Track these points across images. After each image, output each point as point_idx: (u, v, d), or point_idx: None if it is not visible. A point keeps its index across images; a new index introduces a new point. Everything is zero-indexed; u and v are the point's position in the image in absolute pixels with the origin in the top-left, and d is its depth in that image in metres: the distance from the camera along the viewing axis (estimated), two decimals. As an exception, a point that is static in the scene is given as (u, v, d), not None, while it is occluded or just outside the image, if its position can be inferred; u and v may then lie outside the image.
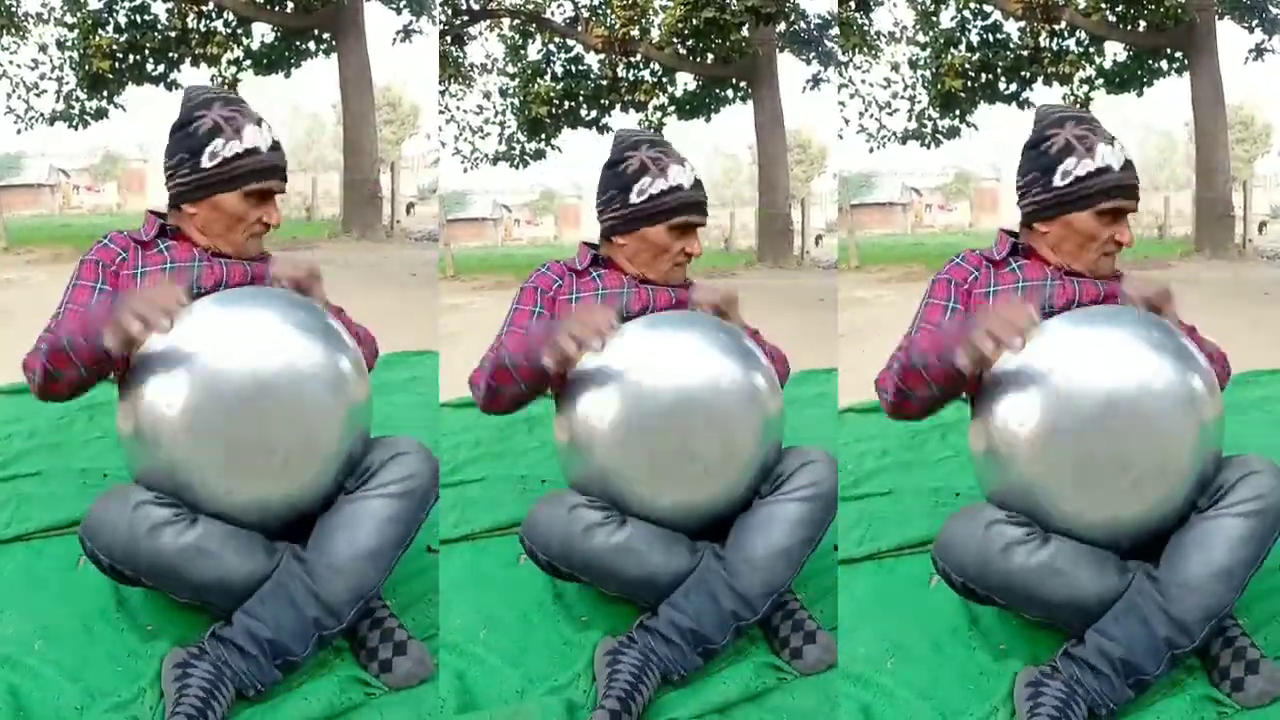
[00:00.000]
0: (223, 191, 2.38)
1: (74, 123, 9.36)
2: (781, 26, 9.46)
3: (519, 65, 10.08)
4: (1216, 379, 2.33)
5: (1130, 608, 2.25)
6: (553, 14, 10.00)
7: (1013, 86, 9.94)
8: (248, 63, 9.29)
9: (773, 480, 2.45)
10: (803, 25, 9.54)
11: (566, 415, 2.45)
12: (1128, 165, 2.36)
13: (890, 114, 9.92)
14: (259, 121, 2.40)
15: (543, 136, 10.07)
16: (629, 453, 2.39)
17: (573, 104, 10.01)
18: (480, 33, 10.11)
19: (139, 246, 2.43)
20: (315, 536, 2.31)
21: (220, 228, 2.42)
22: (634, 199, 2.53)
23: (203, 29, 9.18)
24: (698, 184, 2.56)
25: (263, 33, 9.35)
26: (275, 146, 2.41)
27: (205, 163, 2.37)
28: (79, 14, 9.24)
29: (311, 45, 9.50)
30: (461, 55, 9.89)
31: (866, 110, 9.89)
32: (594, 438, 2.40)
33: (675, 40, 9.69)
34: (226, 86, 9.20)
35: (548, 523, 2.43)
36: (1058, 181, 2.36)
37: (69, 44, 9.29)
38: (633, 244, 2.57)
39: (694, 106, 10.00)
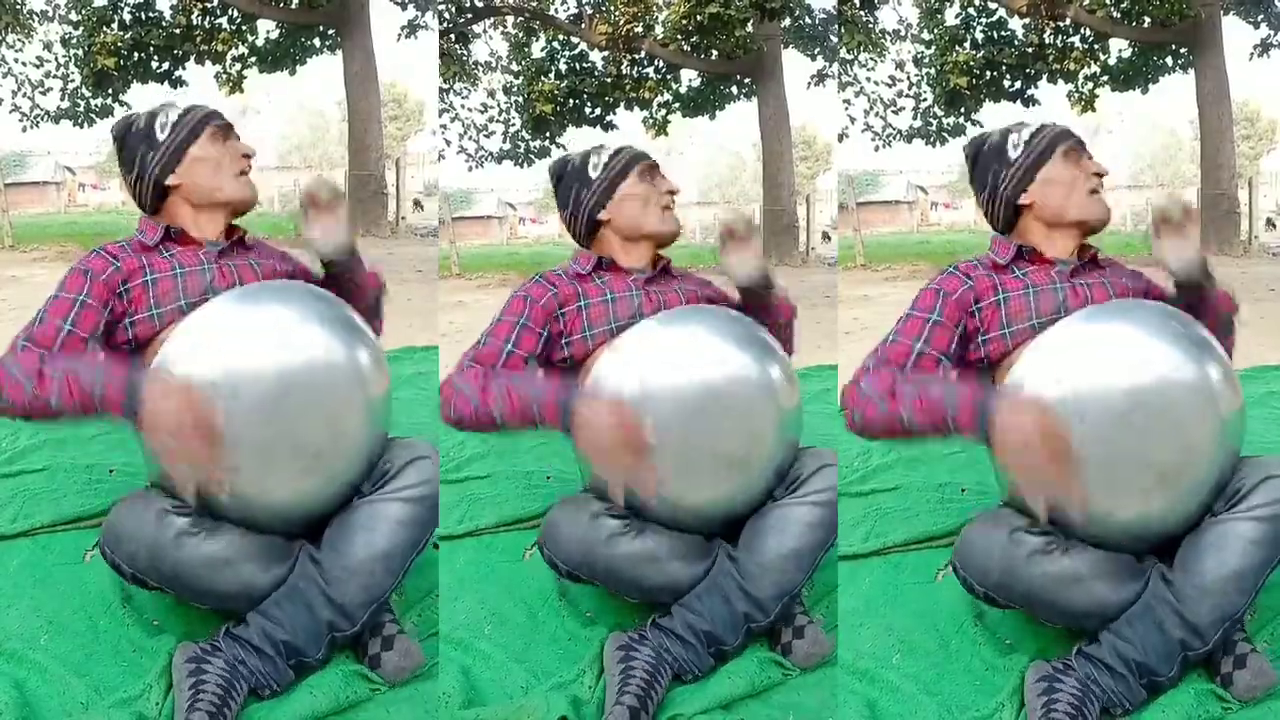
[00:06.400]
0: (189, 145, 2.43)
1: (79, 120, 9.39)
2: (786, 22, 9.46)
3: (523, 63, 10.08)
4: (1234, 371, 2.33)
5: (1146, 610, 2.25)
6: (556, 11, 10.00)
7: (1018, 84, 9.93)
8: (252, 59, 9.30)
9: (787, 483, 2.45)
10: (807, 21, 9.54)
11: None
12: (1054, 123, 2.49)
13: (896, 112, 9.93)
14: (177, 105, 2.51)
15: (547, 134, 10.08)
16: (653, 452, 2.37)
17: (577, 102, 10.01)
18: (484, 30, 10.12)
19: (142, 252, 2.41)
20: (330, 537, 2.31)
21: (208, 178, 2.44)
22: (594, 174, 2.60)
23: (207, 26, 9.20)
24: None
25: (267, 29, 9.37)
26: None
27: (160, 135, 2.43)
28: (84, 11, 9.26)
29: (316, 42, 9.51)
30: (466, 53, 9.90)
31: (872, 108, 9.89)
32: None
33: (679, 37, 9.69)
34: (231, 83, 9.22)
35: (569, 531, 2.43)
36: (1013, 154, 2.44)
37: (74, 41, 9.30)
38: (618, 211, 2.59)
39: (698, 103, 10.01)
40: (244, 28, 9.26)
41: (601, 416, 2.33)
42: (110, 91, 9.32)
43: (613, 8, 9.75)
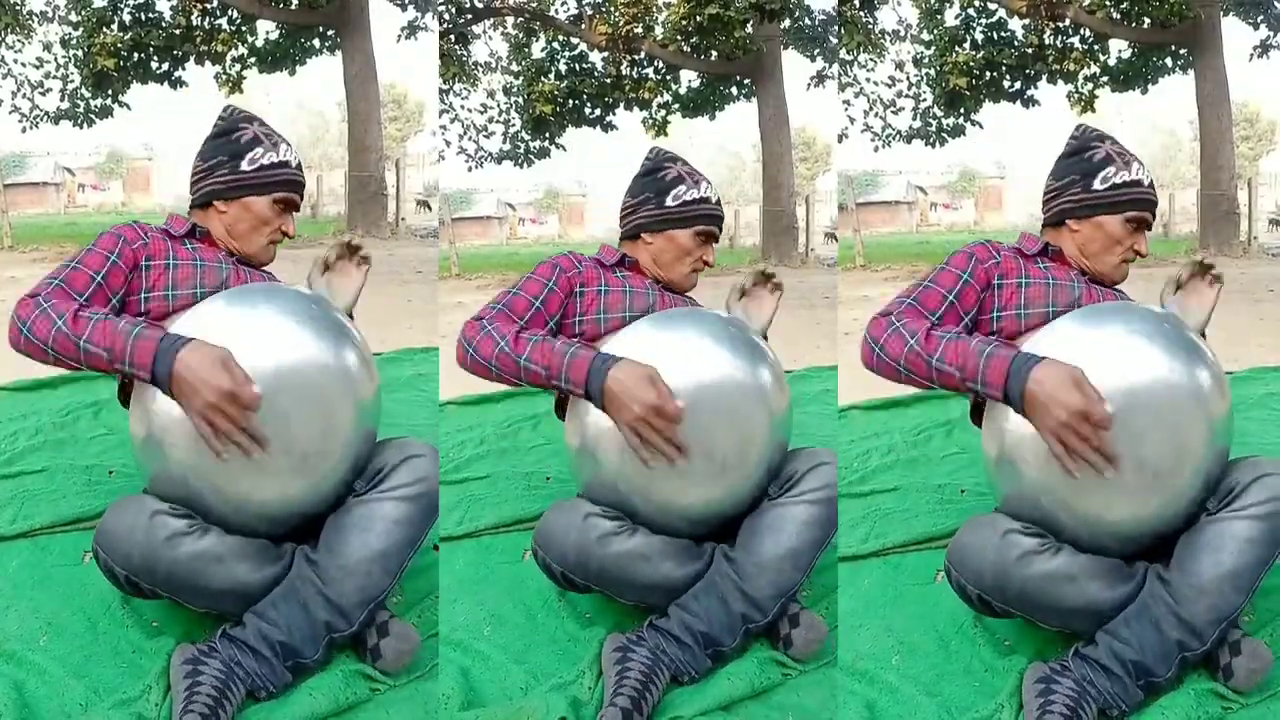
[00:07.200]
0: (256, 195, 2.51)
1: (79, 121, 9.37)
2: (785, 23, 9.46)
3: (523, 63, 10.08)
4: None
5: (1142, 610, 2.26)
6: (556, 11, 10.00)
7: (1017, 84, 9.93)
8: (252, 60, 9.29)
9: (782, 482, 2.47)
10: (807, 22, 9.54)
11: (578, 419, 2.45)
12: (1152, 185, 2.55)
13: (895, 113, 9.92)
14: (289, 144, 2.58)
15: (547, 135, 10.07)
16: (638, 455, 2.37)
17: (576, 102, 10.00)
18: (484, 31, 10.12)
19: (170, 240, 2.48)
20: (326, 537, 2.32)
21: (246, 228, 2.52)
22: (669, 202, 2.68)
23: (207, 26, 9.19)
24: (719, 202, 2.74)
25: (267, 30, 9.35)
26: (299, 167, 2.59)
27: (245, 166, 2.50)
28: (83, 12, 9.25)
29: (316, 42, 9.50)
30: (466, 54, 9.89)
31: (871, 109, 9.89)
32: (605, 441, 2.39)
33: (679, 37, 9.69)
34: (231, 84, 9.21)
35: (562, 532, 2.44)
36: (1098, 185, 2.50)
37: (74, 42, 9.30)
38: (659, 244, 2.68)
39: (698, 104, 10.00)
40: (244, 28, 9.25)
41: (642, 380, 2.33)
42: (110, 92, 9.31)
43: (613, 8, 9.75)
